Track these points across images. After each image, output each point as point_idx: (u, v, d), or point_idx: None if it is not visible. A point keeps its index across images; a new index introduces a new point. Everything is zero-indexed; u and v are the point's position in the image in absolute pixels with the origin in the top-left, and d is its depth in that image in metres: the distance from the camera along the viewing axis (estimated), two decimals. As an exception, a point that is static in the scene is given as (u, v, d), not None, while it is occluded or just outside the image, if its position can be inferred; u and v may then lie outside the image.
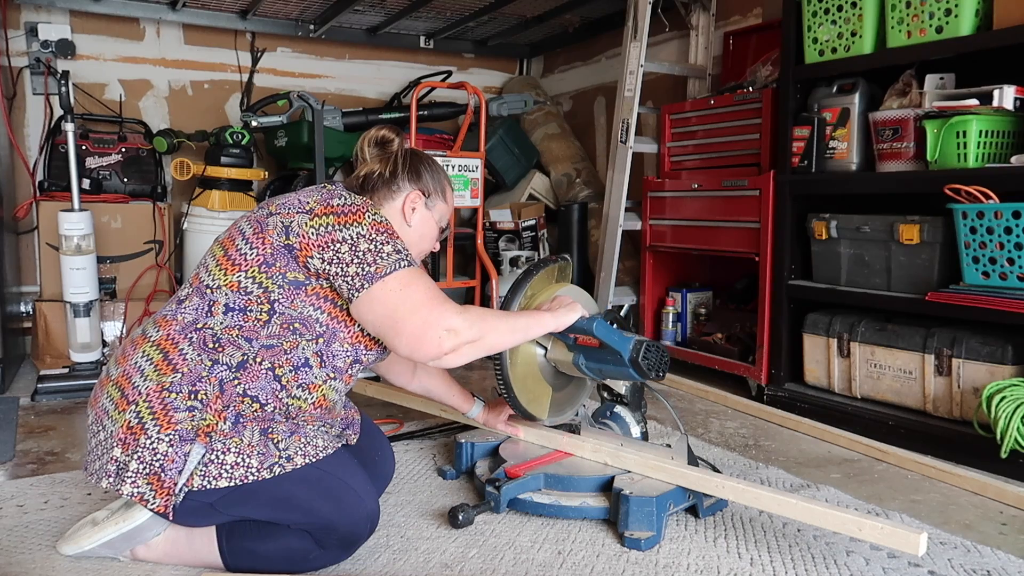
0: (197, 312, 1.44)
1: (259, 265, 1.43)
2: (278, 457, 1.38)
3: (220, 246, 1.50)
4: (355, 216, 1.43)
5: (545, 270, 1.87)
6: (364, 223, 1.43)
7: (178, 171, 3.43)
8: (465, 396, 1.99)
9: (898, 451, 2.14)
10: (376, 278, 1.40)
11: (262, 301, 1.42)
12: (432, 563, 1.51)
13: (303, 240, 1.42)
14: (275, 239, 1.44)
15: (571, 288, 1.92)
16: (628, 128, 3.26)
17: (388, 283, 1.40)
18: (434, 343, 1.40)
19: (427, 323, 1.39)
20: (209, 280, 1.46)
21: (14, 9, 3.60)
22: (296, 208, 1.46)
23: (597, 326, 1.69)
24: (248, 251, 1.45)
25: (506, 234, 4.01)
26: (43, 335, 3.19)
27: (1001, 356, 2.07)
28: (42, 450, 2.21)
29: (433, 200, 1.66)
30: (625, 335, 1.70)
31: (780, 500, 1.52)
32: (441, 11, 4.00)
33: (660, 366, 1.71)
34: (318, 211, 1.44)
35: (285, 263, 1.43)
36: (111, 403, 1.40)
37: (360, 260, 1.40)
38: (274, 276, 1.43)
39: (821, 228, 2.54)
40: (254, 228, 1.47)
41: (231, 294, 1.43)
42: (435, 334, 1.39)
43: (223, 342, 1.41)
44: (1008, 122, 2.10)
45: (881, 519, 1.41)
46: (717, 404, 2.77)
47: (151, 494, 1.33)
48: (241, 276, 1.43)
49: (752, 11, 3.38)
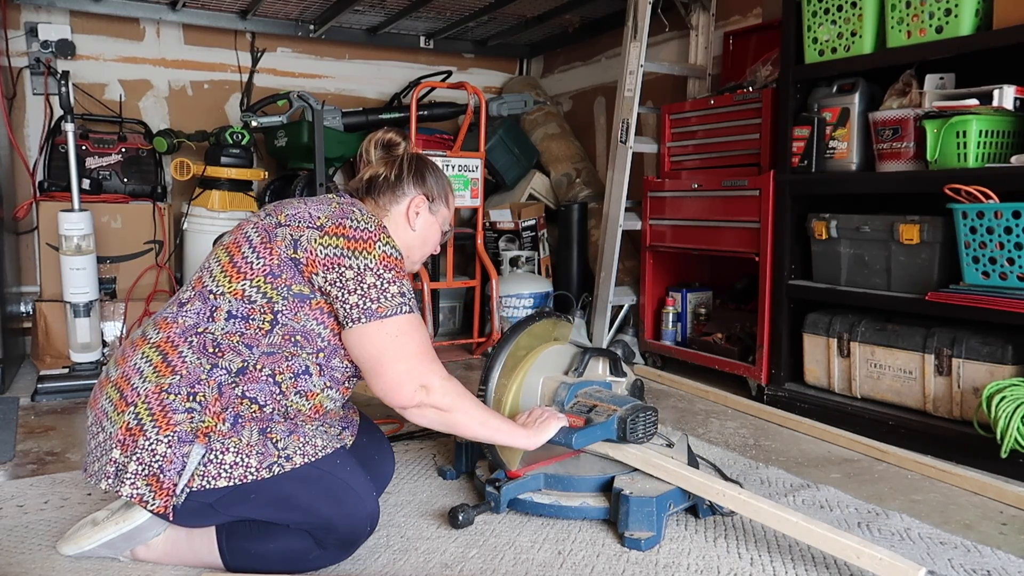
0: (199, 316, 1.44)
1: (265, 275, 1.43)
2: (277, 457, 1.38)
3: (226, 251, 1.49)
4: (365, 245, 1.43)
5: (544, 323, 1.87)
6: (374, 254, 1.42)
7: (178, 171, 3.43)
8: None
9: (898, 451, 2.14)
10: (375, 317, 1.40)
11: (265, 311, 1.42)
12: (432, 563, 1.51)
13: (310, 256, 1.42)
14: (283, 251, 1.44)
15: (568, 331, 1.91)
16: (628, 128, 3.26)
17: (386, 326, 1.41)
18: (407, 394, 1.42)
19: (410, 375, 1.42)
20: (213, 286, 1.45)
21: (14, 9, 3.60)
22: (307, 222, 1.45)
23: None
24: (255, 260, 1.45)
25: (506, 234, 4.01)
26: (43, 335, 3.19)
27: (1001, 356, 2.06)
28: (42, 450, 2.21)
29: (437, 205, 1.68)
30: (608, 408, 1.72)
31: (781, 517, 1.50)
32: (441, 11, 4.00)
33: (647, 432, 1.73)
34: (329, 230, 1.43)
35: (291, 275, 1.43)
36: (110, 404, 1.40)
37: (363, 294, 1.41)
38: (279, 287, 1.43)
39: (821, 228, 2.54)
40: (262, 238, 1.46)
41: (235, 302, 1.43)
42: (412, 387, 1.42)
43: (223, 347, 1.41)
44: (1008, 122, 2.10)
45: (880, 548, 1.38)
46: (717, 404, 2.77)
47: (150, 495, 1.33)
48: (246, 285, 1.43)
49: (752, 11, 3.38)
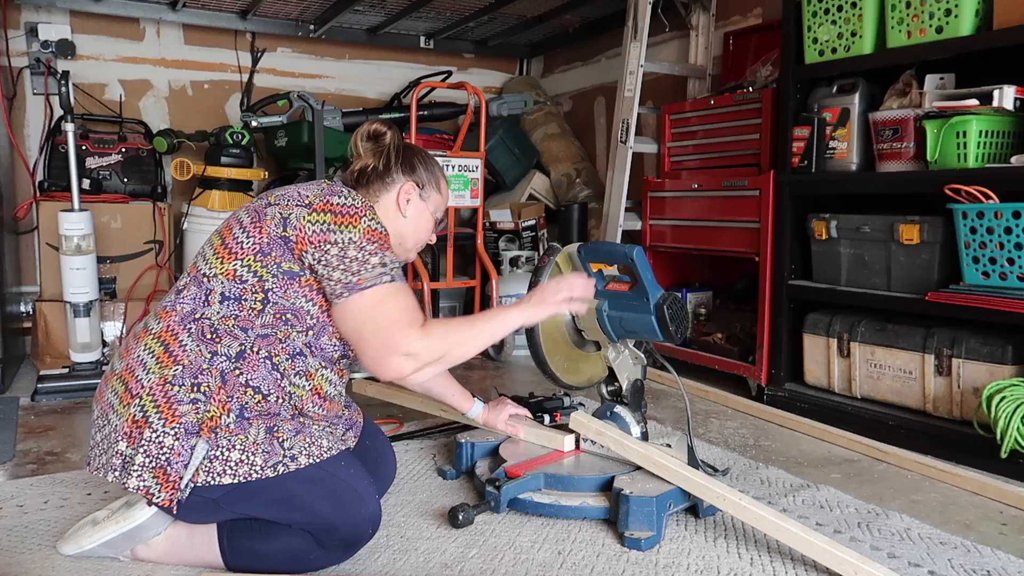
0: (195, 302, 1.45)
1: (255, 254, 1.45)
2: (283, 456, 1.38)
3: (218, 235, 1.52)
4: (351, 219, 1.44)
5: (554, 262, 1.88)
6: (359, 228, 1.44)
7: (178, 171, 3.43)
8: (465, 395, 1.99)
9: (898, 451, 2.14)
10: (355, 289, 1.41)
11: (257, 290, 1.44)
12: (432, 563, 1.51)
13: (299, 233, 1.43)
14: (272, 229, 1.45)
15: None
16: (628, 128, 3.26)
17: (365, 297, 1.42)
18: (394, 367, 1.43)
19: (387, 348, 1.42)
20: (206, 268, 1.47)
21: (14, 9, 3.60)
22: (296, 201, 1.47)
23: (637, 254, 1.68)
24: (245, 240, 1.46)
25: (506, 234, 4.01)
26: (43, 335, 3.19)
27: (1001, 356, 2.06)
28: (42, 450, 2.21)
29: (428, 191, 1.68)
30: None
31: (780, 526, 1.49)
32: (441, 11, 4.00)
33: (682, 324, 1.70)
34: (317, 206, 1.45)
35: (280, 253, 1.44)
36: (116, 397, 1.41)
37: (345, 267, 1.42)
38: (269, 265, 1.44)
39: (821, 228, 2.54)
40: (252, 218, 1.49)
41: (227, 282, 1.44)
42: (395, 360, 1.43)
43: (220, 332, 1.42)
44: (1008, 122, 2.10)
45: (880, 566, 1.39)
46: (717, 404, 2.77)
47: (156, 487, 1.34)
48: (237, 264, 1.45)
49: (752, 11, 3.38)
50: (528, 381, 3.02)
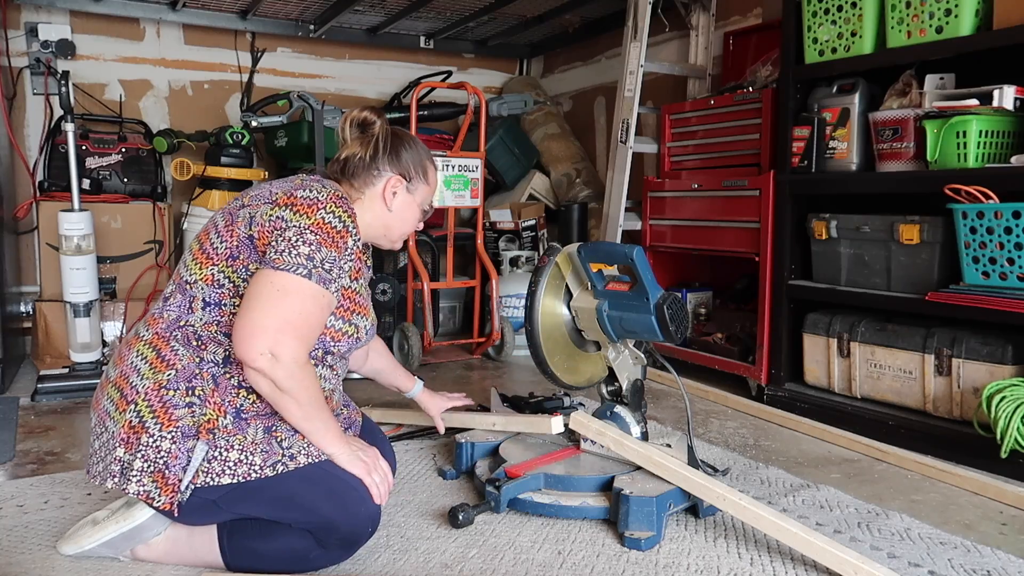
0: (180, 309, 1.45)
1: (227, 259, 1.44)
2: (281, 455, 1.38)
3: (197, 240, 1.51)
4: (308, 209, 1.41)
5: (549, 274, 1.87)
6: (312, 218, 1.40)
7: (178, 171, 3.43)
8: (408, 377, 2.06)
9: (898, 451, 2.14)
10: (270, 265, 1.37)
11: (233, 295, 1.44)
12: (432, 563, 1.51)
13: (260, 229, 1.41)
14: (241, 231, 1.44)
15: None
16: (628, 128, 3.26)
17: (274, 277, 1.36)
18: (254, 351, 1.32)
19: (265, 333, 1.32)
20: (187, 275, 1.47)
21: (14, 9, 3.60)
22: (264, 199, 1.46)
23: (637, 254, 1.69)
24: (219, 244, 1.46)
25: (506, 234, 4.01)
26: (43, 335, 3.19)
27: (1001, 356, 2.06)
28: (42, 450, 2.21)
29: (415, 184, 1.64)
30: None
31: (780, 526, 1.50)
32: (441, 11, 4.00)
33: (682, 324, 1.70)
34: (281, 201, 1.43)
35: (247, 255, 1.43)
36: (111, 404, 1.41)
37: (275, 245, 1.38)
38: (238, 269, 1.43)
39: (821, 228, 2.54)
40: (226, 221, 1.48)
41: (207, 288, 1.44)
42: (261, 347, 1.32)
43: (204, 339, 1.43)
44: (1008, 122, 2.10)
45: (880, 566, 1.39)
46: (717, 404, 2.77)
47: (156, 491, 1.34)
48: (214, 270, 1.44)
49: (752, 11, 3.38)
50: (528, 381, 3.02)
